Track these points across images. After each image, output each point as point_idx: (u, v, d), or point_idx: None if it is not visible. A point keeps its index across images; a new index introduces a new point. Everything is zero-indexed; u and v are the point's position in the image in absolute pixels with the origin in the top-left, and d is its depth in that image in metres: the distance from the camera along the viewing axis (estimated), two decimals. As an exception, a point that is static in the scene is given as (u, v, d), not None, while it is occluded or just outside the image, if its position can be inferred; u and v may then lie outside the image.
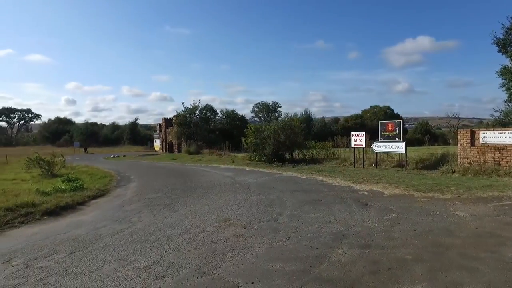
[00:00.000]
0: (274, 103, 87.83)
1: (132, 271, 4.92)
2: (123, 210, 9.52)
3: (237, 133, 42.14)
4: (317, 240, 6.08)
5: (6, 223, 8.09)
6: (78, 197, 11.17)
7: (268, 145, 23.19)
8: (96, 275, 4.83)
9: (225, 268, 4.91)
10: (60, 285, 4.52)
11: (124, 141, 76.10)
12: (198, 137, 43.88)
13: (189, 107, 48.39)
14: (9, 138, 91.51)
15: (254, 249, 5.71)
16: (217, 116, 56.26)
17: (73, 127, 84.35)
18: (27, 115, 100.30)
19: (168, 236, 6.65)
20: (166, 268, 4.96)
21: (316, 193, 11.14)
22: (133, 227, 7.52)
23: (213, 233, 6.76)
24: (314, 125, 67.69)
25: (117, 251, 5.85)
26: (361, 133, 19.12)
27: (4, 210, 8.83)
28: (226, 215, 8.33)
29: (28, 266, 5.32)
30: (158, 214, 8.76)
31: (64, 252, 5.92)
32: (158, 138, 53.36)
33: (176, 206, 9.64)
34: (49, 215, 9.13)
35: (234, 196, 10.98)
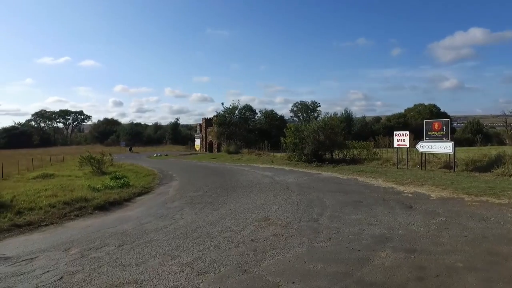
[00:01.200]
0: (313, 103, 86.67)
1: (176, 266, 5.10)
2: (166, 207, 9.89)
3: (276, 133, 42.13)
4: (359, 242, 5.93)
5: (64, 215, 8.76)
6: (124, 194, 11.78)
7: (307, 145, 22.95)
8: (143, 268, 5.07)
9: (266, 267, 4.94)
10: (111, 275, 4.81)
11: (166, 140, 78.93)
12: (238, 137, 44.41)
13: (229, 107, 49.19)
14: (64, 138, 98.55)
15: (294, 249, 5.70)
16: (256, 116, 56.69)
17: (120, 128, 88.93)
18: (79, 116, 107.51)
19: (209, 233, 6.82)
20: (208, 265, 5.09)
21: (357, 194, 10.86)
22: (176, 224, 7.79)
23: (253, 232, 6.83)
24: (355, 124, 65.93)
25: (161, 246, 6.10)
26: (405, 133, 18.32)
27: (62, 203, 9.58)
28: (266, 214, 8.37)
29: (83, 255, 5.72)
30: (200, 212, 9.00)
31: (114, 245, 6.28)
32: (199, 138, 54.72)
33: (217, 205, 9.84)
34: (99, 210, 9.72)
35: (273, 195, 11.01)
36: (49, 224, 8.17)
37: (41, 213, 8.81)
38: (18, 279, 4.85)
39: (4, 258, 5.82)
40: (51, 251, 6.08)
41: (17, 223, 7.92)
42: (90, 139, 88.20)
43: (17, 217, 8.30)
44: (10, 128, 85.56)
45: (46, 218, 8.46)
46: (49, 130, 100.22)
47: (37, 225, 8.02)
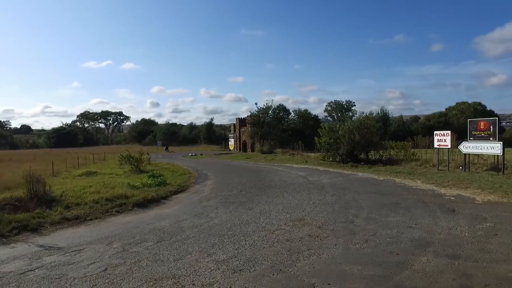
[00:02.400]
0: (348, 102, 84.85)
1: (212, 263, 5.21)
2: (201, 206, 10.11)
3: (310, 132, 41.70)
4: (397, 246, 5.74)
5: (107, 211, 9.22)
6: (161, 192, 12.17)
7: (342, 145, 22.52)
8: (180, 264, 5.22)
9: (301, 267, 4.92)
10: (151, 269, 5.00)
11: (200, 140, 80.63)
12: (271, 136, 44.42)
13: (262, 107, 49.32)
14: (106, 137, 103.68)
15: (330, 250, 5.63)
16: (289, 115, 56.37)
17: (156, 128, 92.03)
18: (119, 117, 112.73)
19: (244, 232, 6.89)
20: (243, 263, 5.15)
21: (394, 196, 10.51)
22: (211, 222, 7.95)
23: (288, 231, 6.82)
24: (391, 124, 63.77)
25: (197, 243, 6.25)
26: (446, 133, 17.45)
27: (105, 200, 10.10)
28: (300, 214, 8.33)
29: (124, 249, 6.00)
30: (234, 211, 9.12)
31: (152, 241, 6.52)
32: (233, 138, 55.31)
33: (251, 204, 9.92)
34: (138, 207, 10.11)
35: (308, 196, 10.92)
36: (94, 219, 8.62)
37: (86, 208, 9.32)
38: (69, 267, 5.19)
39: (57, 248, 6.25)
40: (96, 244, 6.43)
41: (66, 216, 8.44)
42: (129, 138, 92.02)
43: (66, 211, 8.85)
44: (59, 129, 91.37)
45: (90, 213, 8.95)
46: (92, 130, 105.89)
47: (83, 219, 8.50)
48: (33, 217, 8.11)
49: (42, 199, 9.71)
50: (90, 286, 4.49)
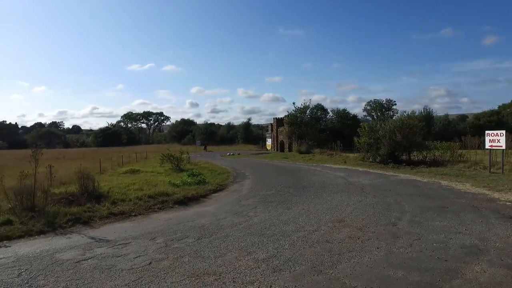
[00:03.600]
0: (388, 101, 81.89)
1: (252, 261, 5.25)
2: (240, 205, 10.21)
3: (349, 132, 40.72)
4: (445, 252, 5.45)
5: (149, 208, 9.60)
6: (201, 190, 12.44)
7: (383, 145, 21.79)
8: (221, 261, 5.31)
9: (342, 269, 4.82)
10: (192, 265, 5.14)
11: (238, 140, 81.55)
12: (309, 136, 43.93)
13: (300, 107, 48.93)
14: (147, 137, 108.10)
15: (372, 252, 5.46)
16: (327, 115, 55.42)
17: (195, 128, 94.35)
18: (160, 117, 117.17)
19: (283, 232, 6.87)
20: (283, 263, 5.14)
21: (440, 199, 9.99)
22: (250, 221, 8.01)
23: (328, 232, 6.71)
24: (435, 123, 60.53)
25: (237, 241, 6.33)
26: (500, 132, 16.27)
27: (147, 197, 10.52)
28: (340, 215, 8.16)
29: (167, 245, 6.21)
30: (273, 210, 9.12)
31: (193, 237, 6.69)
32: (270, 138, 55.35)
33: (290, 204, 9.88)
34: (179, 204, 10.42)
35: (347, 197, 10.68)
36: (138, 215, 9.01)
37: (131, 204, 9.76)
38: (117, 259, 5.47)
39: (106, 240, 6.62)
40: (140, 238, 6.71)
41: (112, 211, 8.91)
42: (169, 138, 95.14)
43: (112, 207, 9.33)
44: (105, 129, 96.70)
45: (135, 209, 9.36)
46: (134, 130, 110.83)
47: (128, 215, 8.91)
48: (84, 211, 8.64)
49: (92, 194, 10.31)
50: (136, 278, 4.70)
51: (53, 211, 8.39)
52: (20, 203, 8.44)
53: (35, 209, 8.33)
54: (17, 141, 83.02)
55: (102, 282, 4.61)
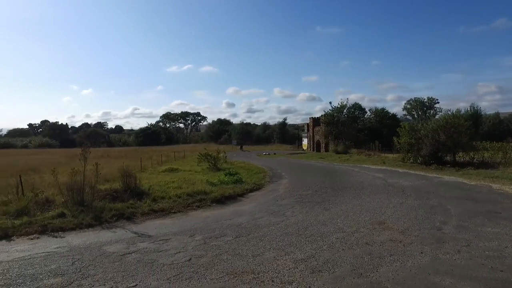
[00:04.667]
0: (430, 99, 78.28)
1: (290, 261, 5.22)
2: (277, 204, 10.20)
3: (388, 132, 39.37)
4: (500, 261, 5.09)
5: (188, 205, 9.86)
6: (238, 189, 12.57)
7: (424, 145, 20.81)
8: (259, 260, 5.34)
9: (383, 273, 4.67)
10: (231, 263, 5.21)
11: (274, 140, 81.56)
12: (346, 136, 43.00)
13: (337, 106, 48.02)
14: (185, 137, 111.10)
15: (415, 257, 5.23)
16: (365, 115, 53.92)
17: (231, 127, 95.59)
18: (197, 117, 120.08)
19: (321, 233, 6.78)
20: (322, 264, 5.06)
21: (491, 203, 9.37)
22: (287, 221, 7.97)
23: (367, 235, 6.52)
24: (484, 122, 56.87)
25: (275, 241, 6.32)
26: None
27: (186, 195, 10.81)
28: (380, 217, 7.91)
29: (206, 242, 6.34)
30: (310, 210, 9.02)
31: (231, 236, 6.77)
32: (306, 137, 54.82)
33: (327, 205, 9.72)
34: (216, 203, 10.59)
35: (387, 198, 10.32)
36: (177, 212, 9.27)
37: (170, 202, 10.07)
38: (158, 254, 5.68)
39: (147, 236, 6.89)
40: (180, 235, 6.91)
41: (153, 208, 9.25)
42: (205, 138, 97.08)
43: (153, 203, 9.69)
44: (145, 129, 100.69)
45: (174, 207, 9.64)
46: (172, 129, 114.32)
47: (167, 212, 9.20)
48: (127, 207, 9.05)
49: (134, 191, 10.76)
50: (177, 273, 4.84)
51: (99, 206, 8.87)
52: (71, 197, 9.01)
53: (84, 204, 8.86)
54: (67, 140, 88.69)
55: (146, 275, 4.79)
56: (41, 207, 8.86)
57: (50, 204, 9.16)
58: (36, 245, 6.39)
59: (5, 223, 7.45)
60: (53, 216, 8.06)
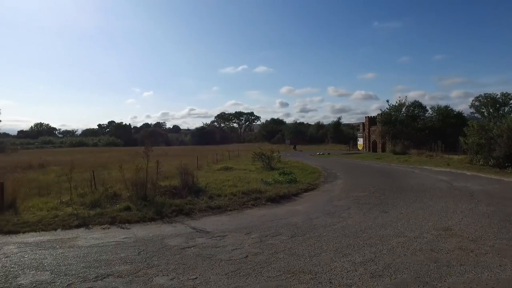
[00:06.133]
0: (504, 95, 70.99)
1: (348, 264, 5.07)
2: (332, 205, 9.98)
3: (452, 131, 36.55)
4: None
5: (243, 204, 10.03)
6: (292, 189, 12.50)
7: (498, 146, 18.96)
8: (316, 260, 5.26)
9: (453, 284, 4.33)
10: (287, 262, 5.19)
11: (328, 139, 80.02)
12: (404, 136, 40.68)
13: (394, 105, 45.65)
14: (238, 136, 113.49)
15: (492, 270, 4.76)
16: (426, 113, 50.53)
17: (284, 127, 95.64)
18: (250, 117, 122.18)
19: (380, 236, 6.49)
20: (382, 268, 4.84)
21: None
22: (344, 222, 7.76)
23: (432, 241, 6.10)
24: None
25: (331, 242, 6.19)
26: None
27: (241, 193, 11.01)
28: (446, 223, 7.36)
29: (262, 240, 6.40)
30: (368, 212, 8.69)
31: (287, 235, 6.76)
32: (361, 137, 52.95)
33: (386, 207, 9.29)
34: (271, 202, 10.63)
35: (453, 203, 9.58)
36: (232, 210, 9.47)
37: (226, 199, 10.33)
38: (216, 250, 5.86)
39: (205, 231, 7.15)
40: (236, 232, 7.05)
41: (210, 205, 9.55)
42: (259, 137, 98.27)
43: (210, 201, 10.01)
44: (200, 128, 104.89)
45: (230, 204, 9.86)
46: (227, 129, 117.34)
47: (224, 209, 9.45)
48: (186, 204, 9.45)
49: (191, 188, 11.23)
50: (235, 269, 4.95)
51: (160, 201, 9.39)
52: (135, 193, 9.66)
53: (147, 199, 9.44)
54: (130, 139, 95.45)
55: (204, 269, 4.97)
56: (110, 200, 9.61)
57: (117, 197, 9.90)
58: (108, 234, 6.96)
59: (83, 213, 8.29)
60: (120, 209, 8.71)
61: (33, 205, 9.27)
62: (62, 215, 8.12)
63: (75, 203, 9.28)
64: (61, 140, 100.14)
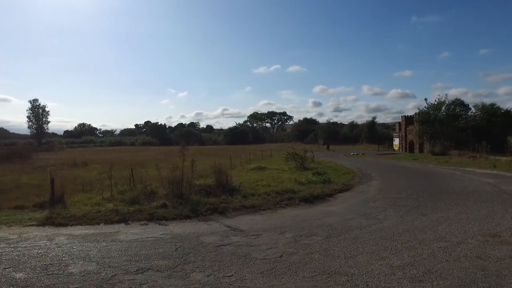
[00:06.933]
0: (558, 92, 65.50)
1: (385, 267, 4.93)
2: (368, 206, 9.73)
3: (498, 131, 34.45)
4: None
5: (277, 203, 10.02)
6: (326, 189, 12.32)
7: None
8: (352, 262, 5.16)
9: (501, 292, 4.08)
10: (322, 263, 5.14)
11: (362, 139, 78.01)
12: (444, 136, 38.79)
13: (433, 103, 43.53)
14: (271, 136, 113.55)
15: (545, 279, 4.45)
16: (469, 111, 47.83)
17: (317, 127, 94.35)
18: (283, 117, 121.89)
19: (420, 239, 6.25)
20: (423, 274, 4.66)
21: None
22: (380, 224, 7.55)
23: (478, 247, 5.79)
24: None
25: (367, 244, 6.04)
26: None
27: (275, 193, 11.02)
28: (493, 229, 6.95)
29: (296, 240, 6.37)
30: (405, 215, 8.39)
31: (321, 236, 6.68)
32: (397, 137, 51.12)
33: (425, 210, 8.92)
34: (305, 202, 10.55)
35: (502, 207, 9.03)
36: (266, 209, 9.50)
37: (260, 199, 10.37)
38: (251, 249, 5.91)
39: (240, 230, 7.23)
40: (270, 231, 7.07)
41: (244, 204, 9.64)
42: (291, 137, 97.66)
43: (243, 200, 10.10)
44: (233, 128, 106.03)
45: (263, 204, 9.90)
46: (259, 129, 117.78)
47: (257, 209, 9.49)
48: (220, 202, 9.60)
49: (225, 187, 11.39)
50: (270, 268, 4.97)
51: (195, 199, 9.61)
52: (171, 190, 9.96)
53: (182, 197, 9.70)
54: (165, 139, 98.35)
55: (240, 267, 5.03)
56: (148, 197, 9.97)
57: (154, 195, 10.24)
58: (146, 230, 7.23)
59: (122, 209, 8.67)
60: (157, 206, 9.00)
61: (79, 201, 9.85)
62: (104, 211, 8.54)
63: (116, 199, 9.72)
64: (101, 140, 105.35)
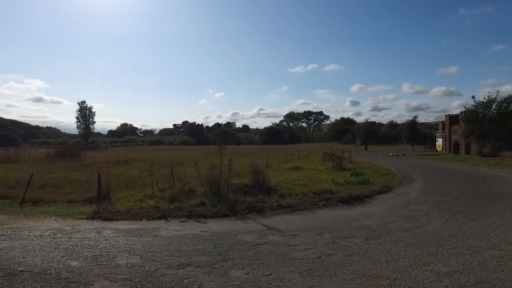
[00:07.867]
0: None
1: (431, 273, 4.71)
2: (409, 209, 9.36)
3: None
4: None
5: (314, 204, 9.92)
6: (365, 191, 12.00)
7: None
8: (393, 266, 4.98)
9: (562, 305, 3.76)
10: (362, 265, 5.01)
11: (402, 139, 75.12)
12: (495, 136, 36.37)
13: (482, 101, 40.95)
14: (307, 135, 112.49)
15: None
16: (525, 110, 44.38)
17: (355, 126, 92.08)
18: (319, 116, 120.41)
19: (468, 246, 5.90)
20: (474, 283, 4.39)
21: None
22: (423, 228, 7.23)
23: (535, 256, 5.37)
24: None
25: (410, 248, 5.81)
26: None
27: (312, 193, 10.91)
28: (551, 236, 6.41)
29: (334, 241, 6.27)
30: (451, 219, 7.97)
31: (360, 238, 6.52)
32: (441, 137, 48.63)
33: (474, 214, 8.42)
34: (342, 203, 10.34)
35: (561, 214, 8.31)
36: (303, 209, 9.42)
37: (297, 199, 10.31)
38: (289, 248, 5.89)
39: (277, 229, 7.24)
40: (308, 232, 7.01)
41: (281, 204, 9.63)
42: (328, 137, 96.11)
43: (280, 199, 10.10)
44: (269, 128, 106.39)
45: (300, 204, 9.83)
46: (295, 129, 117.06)
47: (294, 208, 9.45)
48: (257, 201, 9.67)
49: (262, 187, 11.42)
50: (308, 268, 4.93)
51: (233, 198, 9.73)
52: (210, 189, 10.17)
53: (220, 195, 9.87)
54: (202, 138, 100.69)
55: (278, 266, 5.03)
56: (186, 195, 10.24)
57: (193, 193, 10.50)
58: (185, 227, 7.45)
59: (163, 206, 8.98)
60: (196, 204, 9.23)
61: (122, 197, 10.35)
62: (146, 207, 8.91)
63: (156, 196, 10.10)
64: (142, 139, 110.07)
